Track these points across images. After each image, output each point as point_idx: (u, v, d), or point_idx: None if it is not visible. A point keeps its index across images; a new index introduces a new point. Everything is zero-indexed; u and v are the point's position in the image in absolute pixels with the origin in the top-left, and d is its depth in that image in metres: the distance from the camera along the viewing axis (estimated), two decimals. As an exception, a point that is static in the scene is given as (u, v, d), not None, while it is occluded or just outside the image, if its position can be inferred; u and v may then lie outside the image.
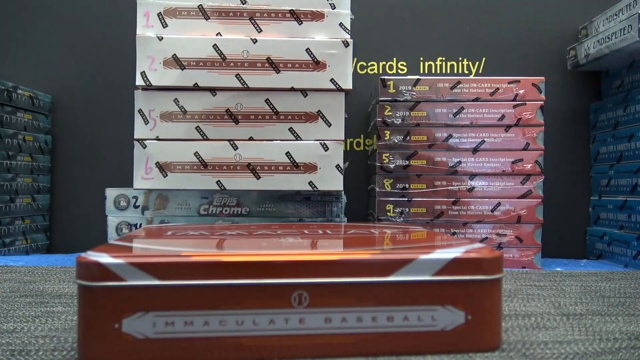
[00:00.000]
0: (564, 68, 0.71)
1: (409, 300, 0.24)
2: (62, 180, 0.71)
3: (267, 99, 0.51)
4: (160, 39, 0.50)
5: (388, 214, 0.56)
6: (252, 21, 0.52)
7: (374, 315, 0.23)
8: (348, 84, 0.51)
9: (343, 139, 0.51)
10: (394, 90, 0.57)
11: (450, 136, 0.56)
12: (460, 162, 0.56)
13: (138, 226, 0.56)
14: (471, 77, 0.70)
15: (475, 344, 0.24)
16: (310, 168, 0.51)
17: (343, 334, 0.23)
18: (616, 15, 0.61)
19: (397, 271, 0.23)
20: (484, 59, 0.72)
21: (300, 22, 0.52)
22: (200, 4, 0.51)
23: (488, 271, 0.24)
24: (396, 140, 0.57)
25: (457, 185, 0.56)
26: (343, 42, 0.51)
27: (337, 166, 0.51)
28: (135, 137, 0.51)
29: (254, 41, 0.51)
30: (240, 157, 0.51)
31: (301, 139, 0.51)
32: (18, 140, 0.64)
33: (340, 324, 0.23)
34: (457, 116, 0.56)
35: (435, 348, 0.24)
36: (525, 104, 0.56)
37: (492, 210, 0.56)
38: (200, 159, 0.51)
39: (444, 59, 0.72)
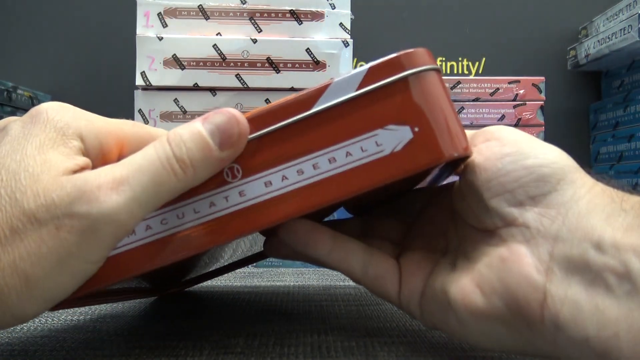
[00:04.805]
0: (564, 68, 0.71)
1: (344, 134, 0.21)
2: (62, 180, 0.71)
3: (267, 99, 0.51)
4: (160, 39, 0.50)
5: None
6: (252, 21, 0.52)
7: (313, 163, 0.21)
8: (348, 84, 0.51)
9: (343, 139, 0.51)
10: (394, 90, 0.57)
11: (450, 136, 0.56)
12: (460, 162, 0.56)
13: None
14: (471, 77, 0.70)
15: (436, 152, 0.21)
16: (310, 168, 0.51)
17: (291, 191, 0.21)
18: (616, 15, 0.61)
19: (318, 100, 0.21)
20: (484, 59, 0.72)
21: (300, 22, 0.52)
22: (200, 4, 0.51)
23: (414, 64, 0.21)
24: (396, 140, 0.57)
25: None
26: (343, 42, 0.51)
27: (337, 166, 0.51)
28: (135, 137, 0.51)
29: (254, 41, 0.51)
30: (240, 157, 0.51)
31: (301, 139, 0.51)
32: (18, 140, 0.64)
33: (282, 182, 0.21)
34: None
35: (394, 174, 0.21)
36: (526, 104, 0.56)
37: (492, 210, 0.56)
38: (200, 159, 0.51)
39: (444, 59, 0.72)
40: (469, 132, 0.23)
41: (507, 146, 0.21)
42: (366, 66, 0.21)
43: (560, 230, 0.19)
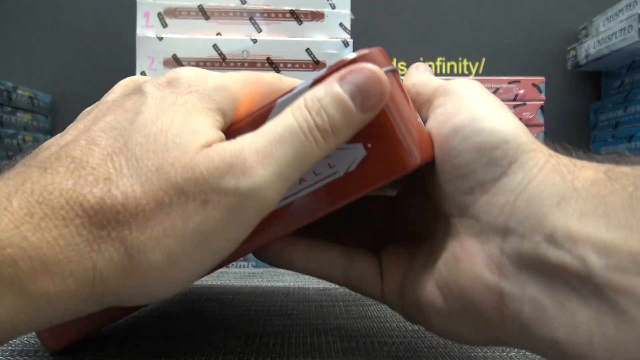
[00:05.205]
0: (564, 68, 0.71)
1: None
2: (62, 180, 0.71)
3: (267, 99, 0.51)
4: (160, 39, 0.50)
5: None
6: (252, 21, 0.52)
7: None
8: (348, 84, 0.51)
9: (343, 139, 0.51)
10: (394, 90, 0.57)
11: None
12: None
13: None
14: (471, 77, 0.70)
15: (395, 166, 0.19)
16: (310, 168, 0.51)
17: None
18: (616, 15, 0.61)
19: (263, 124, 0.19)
20: (483, 59, 0.72)
21: (300, 22, 0.52)
22: (200, 4, 0.51)
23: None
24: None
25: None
26: (343, 42, 0.51)
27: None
28: (135, 137, 0.51)
29: (254, 41, 0.51)
30: (240, 157, 0.51)
31: (301, 139, 0.51)
32: (18, 140, 0.64)
33: None
34: (457, 116, 0.56)
35: (352, 194, 0.20)
36: (526, 104, 0.56)
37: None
38: (200, 159, 0.51)
39: (444, 59, 0.72)
40: (433, 84, 0.21)
41: (461, 113, 0.19)
42: (309, 81, 0.20)
43: (509, 221, 0.17)
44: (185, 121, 0.18)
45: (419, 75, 0.23)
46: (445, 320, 0.19)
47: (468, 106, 0.19)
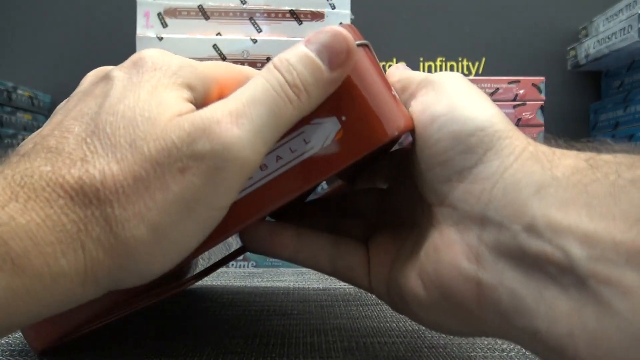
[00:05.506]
0: (564, 68, 0.71)
1: None
2: (62, 180, 0.71)
3: (267, 99, 0.51)
4: (160, 39, 0.50)
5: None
6: (252, 21, 0.52)
7: None
8: (348, 84, 0.51)
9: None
10: (394, 90, 0.57)
11: (450, 136, 0.56)
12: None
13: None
14: (471, 77, 0.70)
15: (371, 137, 0.19)
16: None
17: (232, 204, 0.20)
18: (616, 15, 0.61)
19: None
20: (484, 59, 0.72)
21: (300, 22, 0.52)
22: (200, 4, 0.51)
23: None
24: (396, 140, 0.57)
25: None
26: (343, 42, 0.51)
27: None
28: (135, 137, 0.51)
29: (254, 41, 0.51)
30: (240, 157, 0.51)
31: (301, 139, 0.51)
32: (18, 140, 0.64)
33: None
34: (457, 116, 0.56)
35: (330, 169, 0.19)
36: (525, 104, 0.56)
37: (492, 211, 0.56)
38: (200, 159, 0.51)
39: (444, 59, 0.72)
40: (417, 78, 0.22)
41: (440, 103, 0.19)
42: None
43: (487, 210, 0.17)
44: (151, 96, 0.18)
45: (402, 73, 0.23)
46: (427, 311, 0.19)
47: (448, 96, 0.19)
